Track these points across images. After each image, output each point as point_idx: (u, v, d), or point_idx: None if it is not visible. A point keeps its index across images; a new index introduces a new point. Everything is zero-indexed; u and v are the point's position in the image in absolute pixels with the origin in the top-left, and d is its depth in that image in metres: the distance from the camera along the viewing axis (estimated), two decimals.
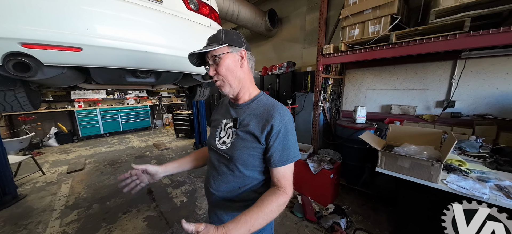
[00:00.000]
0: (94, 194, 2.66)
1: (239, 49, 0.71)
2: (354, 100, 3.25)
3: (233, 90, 0.73)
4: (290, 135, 0.69)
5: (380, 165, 1.48)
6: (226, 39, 0.69)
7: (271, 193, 0.65)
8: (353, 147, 2.55)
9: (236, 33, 0.73)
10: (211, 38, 0.72)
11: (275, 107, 0.70)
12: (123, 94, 6.63)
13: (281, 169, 0.68)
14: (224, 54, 0.69)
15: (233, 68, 0.70)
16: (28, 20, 0.80)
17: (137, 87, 2.11)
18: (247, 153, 0.69)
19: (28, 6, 0.80)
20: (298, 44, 4.22)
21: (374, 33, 2.01)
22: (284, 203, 0.65)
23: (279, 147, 0.67)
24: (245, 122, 0.71)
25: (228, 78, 0.70)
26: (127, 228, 2.00)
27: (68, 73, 1.05)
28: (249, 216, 0.59)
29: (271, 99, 0.75)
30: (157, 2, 1.15)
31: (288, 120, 0.69)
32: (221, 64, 0.69)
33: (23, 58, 0.82)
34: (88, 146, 5.06)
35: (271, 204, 0.62)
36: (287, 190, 0.67)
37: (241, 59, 0.71)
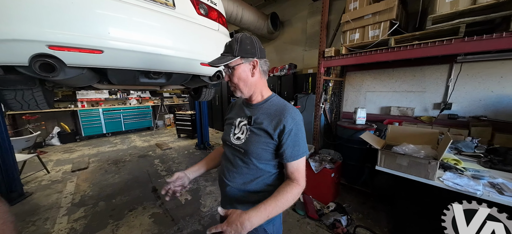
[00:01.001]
0: (100, 192, 2.72)
1: (252, 59, 0.76)
2: (354, 101, 3.32)
3: (244, 94, 0.80)
4: (300, 133, 0.76)
5: (380, 164, 1.55)
6: (240, 51, 0.74)
7: (286, 185, 0.73)
8: (354, 147, 2.62)
9: (251, 41, 0.76)
10: (227, 47, 0.77)
11: (286, 108, 0.77)
12: (125, 94, 6.69)
13: (293, 164, 0.75)
14: (237, 65, 0.75)
15: (245, 77, 0.77)
16: (55, 24, 0.87)
17: (147, 87, 2.18)
18: (261, 148, 0.76)
19: (55, 11, 0.87)
20: (299, 46, 4.30)
21: (374, 38, 2.09)
22: (298, 193, 0.73)
23: (291, 144, 0.74)
24: (259, 120, 0.78)
25: (240, 85, 0.78)
26: (134, 224, 2.06)
27: (87, 74, 1.11)
28: (268, 204, 0.67)
29: (283, 101, 0.82)
30: (170, 8, 1.22)
31: (299, 120, 0.76)
32: (233, 74, 0.76)
33: (49, 59, 0.89)
34: (91, 145, 5.11)
35: (287, 195, 0.70)
36: (300, 181, 0.74)
37: (252, 68, 0.77)
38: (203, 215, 2.21)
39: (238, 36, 0.75)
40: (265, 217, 0.66)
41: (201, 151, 4.46)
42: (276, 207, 0.68)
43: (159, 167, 3.60)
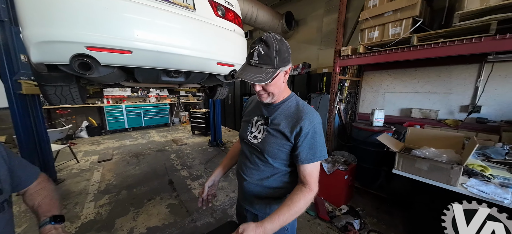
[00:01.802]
0: (122, 181, 2.94)
1: (288, 65, 0.72)
2: (372, 102, 3.20)
3: (272, 99, 0.77)
4: (317, 137, 0.74)
5: (397, 167, 1.49)
6: (280, 61, 0.67)
7: (298, 191, 0.73)
8: (369, 149, 2.54)
9: (286, 47, 0.70)
10: (263, 56, 0.66)
11: (305, 110, 0.75)
12: (145, 92, 7.10)
13: (307, 167, 0.73)
14: (277, 76, 0.70)
15: (280, 84, 0.74)
16: (92, 28, 0.98)
17: (167, 85, 2.31)
18: (277, 148, 0.76)
19: (92, 17, 0.98)
20: (314, 45, 4.23)
21: (394, 35, 2.00)
22: (311, 199, 0.73)
23: (307, 147, 0.73)
24: (276, 121, 0.77)
25: (274, 92, 0.74)
26: (152, 213, 2.20)
27: (116, 72, 1.23)
28: (281, 213, 0.68)
29: (302, 102, 0.80)
30: (191, 10, 1.29)
31: (317, 123, 0.74)
32: (271, 84, 0.71)
33: (86, 58, 1.00)
34: (115, 139, 5.51)
35: (299, 202, 0.70)
36: (312, 186, 0.73)
37: (285, 74, 0.74)
38: (216, 208, 2.30)
39: (273, 43, 0.66)
40: (278, 226, 0.67)
41: (213, 148, 4.59)
42: (289, 215, 0.68)
43: (175, 161, 3.78)
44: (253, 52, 0.67)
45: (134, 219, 2.09)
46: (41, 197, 0.64)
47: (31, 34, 0.87)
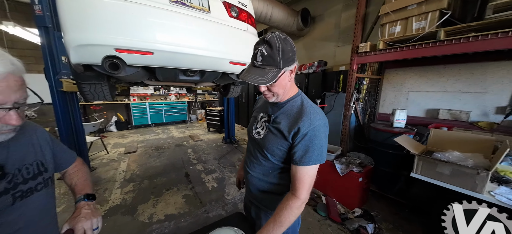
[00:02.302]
0: (144, 172, 3.19)
1: (293, 65, 0.71)
2: (393, 102, 3.00)
3: (278, 98, 0.76)
4: (316, 140, 0.70)
5: (416, 171, 1.40)
6: (284, 61, 0.66)
7: (284, 201, 0.72)
8: (388, 152, 2.39)
9: (291, 47, 0.69)
10: (266, 58, 0.66)
11: (307, 111, 0.73)
12: (166, 90, 7.54)
13: (300, 169, 0.71)
14: (281, 76, 0.69)
15: (284, 84, 0.73)
16: (120, 32, 1.10)
17: (184, 84, 2.46)
18: (276, 147, 0.77)
19: (120, 22, 1.10)
20: (331, 42, 4.09)
21: (418, 30, 1.86)
22: (297, 208, 0.71)
23: (303, 148, 0.70)
24: (278, 120, 0.77)
25: (278, 92, 0.74)
26: (170, 202, 2.37)
27: (140, 72, 1.36)
28: (269, 228, 0.70)
29: (307, 102, 0.78)
30: (206, 12, 1.37)
31: (318, 126, 0.71)
32: (276, 85, 0.70)
33: (115, 59, 1.13)
34: (139, 133, 5.97)
35: (285, 213, 0.70)
36: (299, 193, 0.70)
37: (291, 73, 0.73)
38: (227, 202, 2.39)
39: (276, 43, 0.65)
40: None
41: (227, 145, 4.72)
42: (276, 228, 0.69)
43: (192, 156, 3.98)
44: (256, 53, 0.67)
45: (154, 206, 2.28)
46: (77, 177, 0.76)
47: (71, 39, 1.02)
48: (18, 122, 0.48)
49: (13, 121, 0.48)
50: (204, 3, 1.39)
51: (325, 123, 0.74)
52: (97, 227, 0.66)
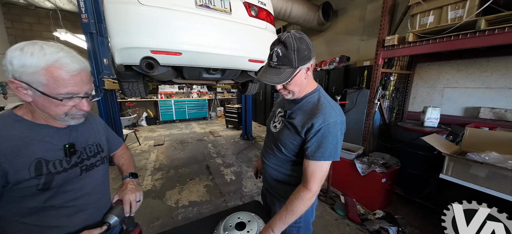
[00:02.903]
0: (171, 163, 3.50)
1: (309, 62, 0.72)
2: (426, 99, 2.76)
3: (294, 96, 0.79)
4: (330, 137, 0.71)
5: (446, 172, 1.30)
6: (299, 60, 0.68)
7: (296, 192, 0.75)
8: (418, 153, 2.22)
9: (306, 45, 0.69)
10: (281, 58, 0.68)
11: (322, 107, 0.73)
12: (189, 89, 8.02)
13: (312, 164, 0.72)
14: (297, 75, 0.70)
15: (300, 82, 0.74)
16: (155, 36, 1.26)
17: (207, 82, 2.62)
18: (289, 141, 0.81)
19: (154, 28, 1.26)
20: (355, 36, 3.89)
21: (454, 20, 1.68)
22: (309, 199, 0.73)
23: (315, 144, 0.72)
24: (293, 116, 0.80)
25: (294, 90, 0.76)
26: (193, 190, 2.58)
27: (170, 71, 1.52)
28: (282, 215, 0.75)
29: (324, 99, 0.78)
30: (228, 13, 1.46)
31: (333, 123, 0.71)
32: (291, 83, 0.72)
33: (151, 60, 1.29)
34: (165, 128, 6.49)
35: (297, 203, 0.73)
36: (310, 186, 0.72)
37: (307, 70, 0.73)
38: (244, 194, 2.50)
39: (291, 43, 0.66)
40: (283, 225, 0.74)
41: (244, 141, 4.86)
42: (288, 215, 0.74)
43: (212, 150, 4.21)
44: (272, 54, 0.69)
45: (179, 193, 2.51)
46: (123, 159, 0.92)
47: (116, 43, 1.20)
48: (88, 108, 0.62)
49: (85, 107, 0.61)
50: (226, 4, 1.48)
51: (341, 120, 0.74)
52: (140, 200, 0.80)
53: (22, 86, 0.52)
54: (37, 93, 0.53)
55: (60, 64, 0.53)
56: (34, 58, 0.51)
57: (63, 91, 0.54)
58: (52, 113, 0.57)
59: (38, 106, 0.56)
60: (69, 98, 0.56)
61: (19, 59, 0.50)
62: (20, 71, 0.51)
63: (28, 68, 0.50)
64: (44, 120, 0.60)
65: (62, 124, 0.63)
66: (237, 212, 0.99)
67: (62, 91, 0.54)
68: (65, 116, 0.59)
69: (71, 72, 0.55)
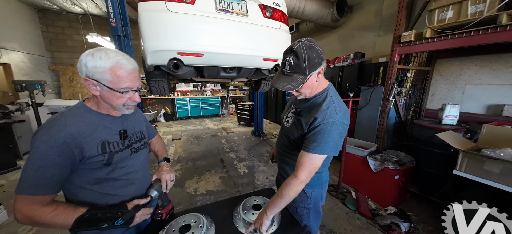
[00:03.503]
0: (188, 155, 3.73)
1: (319, 68, 0.78)
2: (445, 96, 2.68)
3: (305, 96, 0.87)
4: (325, 135, 0.78)
5: (460, 168, 1.31)
6: (309, 68, 0.74)
7: (287, 180, 0.84)
8: (434, 151, 2.18)
9: (316, 52, 0.75)
10: (293, 67, 0.74)
11: (325, 107, 0.81)
12: (203, 87, 8.30)
13: (303, 155, 0.80)
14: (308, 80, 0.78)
15: (311, 85, 0.82)
16: (181, 39, 1.41)
17: (223, 80, 2.77)
18: (296, 133, 0.91)
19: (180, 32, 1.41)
20: (371, 32, 3.80)
21: (475, 15, 1.64)
22: (296, 186, 0.80)
23: (311, 138, 0.80)
24: (302, 113, 0.90)
25: (306, 92, 0.84)
26: (209, 180, 2.77)
27: (192, 70, 1.67)
28: (273, 200, 0.84)
29: (330, 98, 0.84)
30: (244, 16, 1.57)
31: (331, 122, 0.78)
32: (303, 87, 0.79)
33: (177, 61, 1.45)
34: (181, 124, 6.83)
35: (286, 189, 0.82)
36: (298, 174, 0.80)
37: (318, 74, 0.80)
38: (257, 186, 2.63)
39: (302, 53, 0.73)
40: (275, 209, 0.83)
41: (256, 137, 4.98)
42: (278, 200, 0.82)
43: (225, 145, 4.40)
44: (285, 62, 0.77)
45: (197, 183, 2.71)
46: (158, 146, 1.10)
47: (149, 46, 1.37)
48: (139, 100, 0.77)
49: (137, 99, 0.76)
50: (243, 7, 1.59)
51: (342, 122, 0.81)
52: (173, 180, 0.96)
53: (93, 83, 0.67)
54: (104, 88, 0.68)
55: (121, 65, 0.68)
56: (102, 61, 0.66)
57: (123, 86, 0.69)
58: (113, 104, 0.73)
59: (103, 98, 0.72)
60: (127, 91, 0.71)
61: (91, 62, 0.65)
62: (93, 71, 0.66)
63: (98, 69, 0.66)
64: (106, 110, 0.76)
65: (118, 114, 0.79)
66: (254, 196, 1.11)
67: (122, 86, 0.69)
68: (123, 106, 0.74)
69: (128, 71, 0.70)
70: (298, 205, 1.02)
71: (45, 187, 0.60)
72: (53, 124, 0.64)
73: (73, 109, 0.72)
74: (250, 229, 0.87)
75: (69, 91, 5.85)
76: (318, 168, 0.83)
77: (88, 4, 5.09)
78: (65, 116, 0.67)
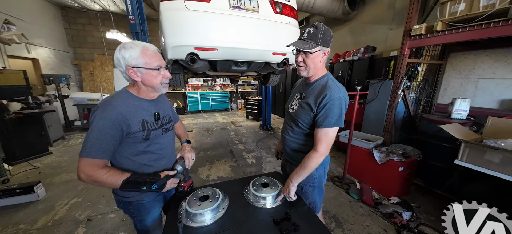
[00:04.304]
0: (200, 146, 3.95)
1: (327, 49, 0.93)
2: (458, 91, 2.64)
3: (309, 74, 0.99)
4: (335, 108, 0.91)
5: (461, 158, 1.36)
6: (322, 41, 0.90)
7: (308, 154, 0.97)
8: (441, 145, 2.20)
9: (330, 33, 0.92)
10: (310, 35, 0.91)
11: (330, 87, 0.94)
12: (213, 82, 8.49)
13: (320, 131, 0.93)
14: (316, 52, 0.92)
15: (317, 62, 0.95)
16: (197, 35, 1.54)
17: (234, 74, 2.89)
18: (304, 116, 1.01)
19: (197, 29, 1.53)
20: (384, 25, 3.74)
21: (487, 7, 1.62)
22: (317, 158, 0.94)
23: (323, 115, 0.93)
24: (307, 96, 1.01)
25: (310, 67, 0.96)
26: (220, 168, 2.97)
27: (206, 64, 1.80)
28: (297, 170, 0.99)
29: (331, 81, 0.98)
30: (256, 12, 1.66)
31: (337, 98, 0.91)
32: (310, 57, 0.93)
33: (194, 55, 1.58)
34: (192, 117, 7.10)
35: (308, 161, 0.96)
36: (319, 148, 0.94)
37: (323, 55, 0.95)
38: None
39: (321, 27, 0.91)
40: (299, 178, 0.98)
41: (263, 131, 5.11)
42: (302, 170, 0.97)
43: (234, 137, 4.57)
44: (304, 31, 0.94)
45: (209, 170, 2.91)
46: (180, 130, 1.26)
47: (169, 42, 1.52)
48: (170, 76, 0.92)
49: (168, 75, 0.91)
50: (254, 4, 1.68)
51: (344, 97, 0.94)
52: (194, 158, 1.12)
53: (134, 70, 0.82)
54: (143, 70, 0.83)
55: (147, 47, 0.84)
56: (132, 50, 0.81)
57: (155, 64, 0.85)
58: (153, 84, 0.87)
59: (144, 82, 0.86)
60: (159, 69, 0.86)
61: (126, 53, 0.80)
62: (129, 60, 0.81)
63: (133, 56, 0.81)
64: (145, 95, 0.91)
65: (154, 97, 0.94)
66: (262, 176, 1.24)
67: (154, 64, 0.85)
68: (160, 85, 0.89)
69: (154, 50, 0.86)
70: (303, 184, 1.13)
71: (101, 153, 0.76)
72: (107, 105, 0.79)
73: (120, 93, 0.88)
74: (280, 198, 1.03)
75: (90, 84, 6.25)
76: (333, 139, 0.97)
77: (107, 2, 5.36)
78: (115, 98, 0.83)
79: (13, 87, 3.20)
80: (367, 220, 1.87)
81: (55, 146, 3.90)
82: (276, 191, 1.07)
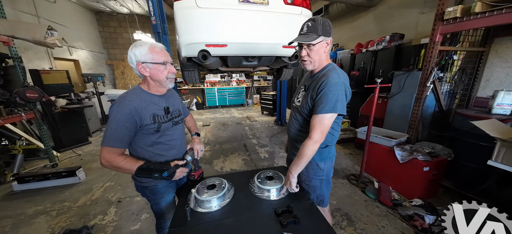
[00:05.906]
0: (216, 139, 4.12)
1: (328, 38, 0.94)
2: (504, 82, 2.30)
3: (315, 66, 1.00)
4: (330, 94, 0.89)
5: (496, 158, 1.20)
6: (323, 31, 0.90)
7: (304, 141, 0.96)
8: (478, 144, 1.94)
9: (329, 24, 0.92)
10: (310, 28, 0.91)
11: (328, 73, 0.94)
12: (229, 78, 8.66)
13: (314, 118, 0.92)
14: (318, 43, 0.92)
15: (321, 53, 0.96)
16: (208, 33, 1.60)
17: (245, 69, 2.93)
18: (307, 105, 1.01)
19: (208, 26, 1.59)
20: (414, 9, 3.35)
21: None
22: (311, 145, 0.93)
23: (319, 101, 0.92)
24: (311, 86, 1.02)
25: (315, 59, 0.96)
26: (233, 161, 3.08)
27: (218, 60, 1.86)
28: (296, 160, 0.98)
29: (332, 67, 0.97)
30: (265, 5, 1.65)
31: (334, 83, 0.90)
32: (314, 49, 0.94)
33: (205, 52, 1.65)
34: (210, 112, 7.39)
35: (303, 149, 0.95)
36: (312, 134, 0.92)
37: (326, 45, 0.95)
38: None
39: (319, 19, 0.92)
40: (297, 168, 0.98)
41: (278, 126, 5.08)
42: (299, 160, 0.96)
43: (248, 132, 4.65)
44: (303, 26, 0.95)
45: (223, 162, 3.04)
46: (190, 123, 1.36)
47: (183, 40, 1.61)
48: (175, 71, 1.00)
49: (173, 70, 0.99)
50: None
51: (344, 82, 0.92)
52: (202, 150, 1.19)
53: (143, 66, 0.91)
54: (150, 65, 0.91)
55: (154, 45, 0.92)
56: (142, 48, 0.90)
57: (161, 60, 0.92)
58: (160, 78, 0.95)
59: (152, 77, 0.94)
60: (165, 63, 0.94)
61: (137, 50, 0.90)
62: (139, 56, 0.90)
63: (142, 53, 0.89)
64: (154, 90, 1.00)
65: (163, 91, 1.03)
66: (267, 170, 1.26)
67: (161, 60, 0.92)
68: (167, 79, 0.97)
69: (161, 48, 0.94)
70: (312, 177, 1.13)
71: (119, 142, 0.87)
72: (122, 100, 0.90)
73: (133, 90, 0.98)
74: (283, 191, 1.05)
75: (122, 82, 6.92)
76: (329, 127, 0.95)
77: (133, 5, 5.80)
78: (130, 94, 0.93)
79: (58, 85, 3.71)
80: (383, 221, 1.77)
81: (93, 137, 4.44)
82: (280, 184, 1.09)
